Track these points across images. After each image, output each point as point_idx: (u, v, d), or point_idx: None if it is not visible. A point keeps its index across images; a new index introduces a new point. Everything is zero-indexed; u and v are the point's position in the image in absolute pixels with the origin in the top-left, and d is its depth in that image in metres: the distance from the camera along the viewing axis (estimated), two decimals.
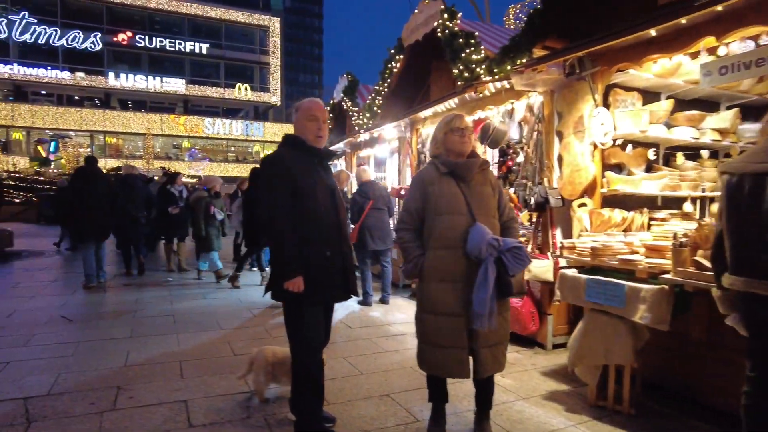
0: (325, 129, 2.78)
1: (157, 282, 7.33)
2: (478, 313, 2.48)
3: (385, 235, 6.07)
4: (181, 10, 39.32)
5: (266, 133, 40.48)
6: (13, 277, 7.57)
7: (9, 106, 32.90)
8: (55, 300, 6.02)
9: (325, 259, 2.60)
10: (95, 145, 35.45)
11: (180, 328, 4.89)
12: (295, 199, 2.56)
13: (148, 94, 38.61)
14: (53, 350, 4.11)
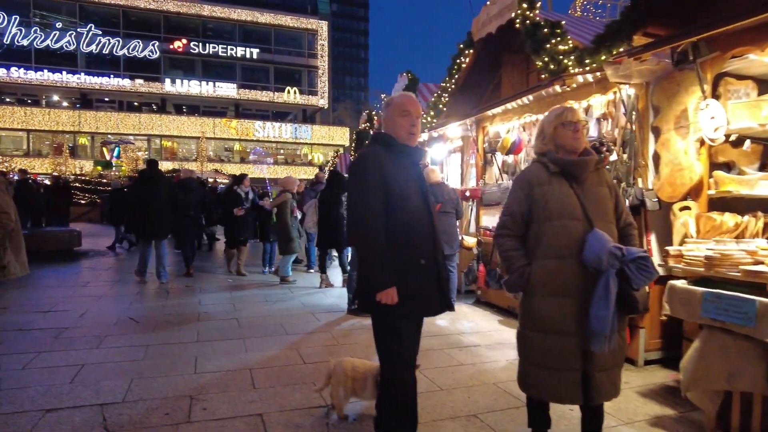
0: (419, 126, 2.53)
1: (217, 284, 7.33)
2: (597, 332, 2.16)
3: (452, 239, 5.77)
4: (232, 17, 40.42)
5: (314, 136, 41.01)
6: (83, 276, 7.79)
7: (76, 113, 34.81)
8: (122, 300, 6.08)
9: (420, 268, 2.35)
10: (152, 148, 36.87)
11: (246, 332, 4.78)
12: (387, 201, 2.32)
13: (201, 98, 39.91)
14: (124, 353, 4.07)
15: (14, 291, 6.44)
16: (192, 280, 7.58)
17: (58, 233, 9.97)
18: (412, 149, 2.52)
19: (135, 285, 7.08)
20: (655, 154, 3.96)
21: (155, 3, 37.96)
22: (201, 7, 39.41)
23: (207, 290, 6.80)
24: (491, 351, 4.38)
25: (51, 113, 34.54)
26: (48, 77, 35.27)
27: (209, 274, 8.13)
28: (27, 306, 5.66)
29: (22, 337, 4.47)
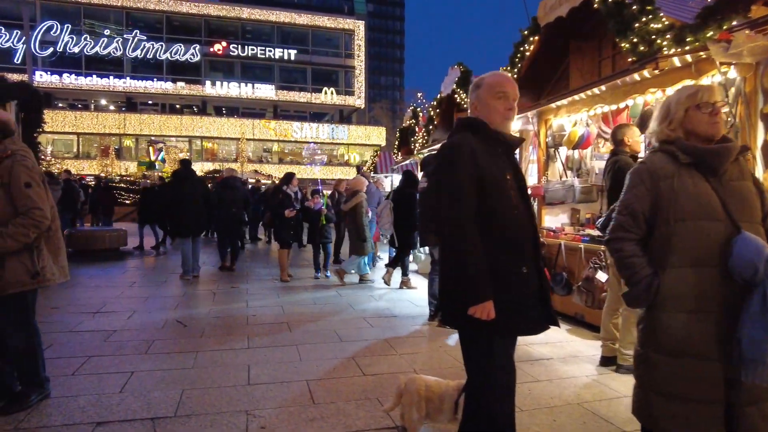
0: (515, 110, 2.16)
1: (263, 285, 7.14)
2: (751, 358, 1.74)
3: None
4: (271, 18, 40.89)
5: (350, 136, 41.00)
6: (129, 276, 7.75)
7: (122, 116, 35.97)
8: (169, 302, 5.95)
9: (521, 277, 1.98)
10: (193, 149, 37.67)
11: (297, 338, 4.51)
12: (482, 198, 1.97)
13: (240, 100, 40.54)
14: (174, 360, 3.86)
15: (66, 290, 6.42)
16: (238, 280, 7.41)
17: (106, 233, 10.07)
18: (509, 137, 2.15)
19: (181, 286, 6.97)
20: (765, 144, 3.45)
21: (197, 7, 38.80)
22: (240, 10, 40.06)
23: (253, 292, 6.60)
24: (566, 365, 3.95)
25: (99, 117, 35.73)
26: (96, 82, 36.57)
27: (255, 275, 7.96)
28: (77, 306, 5.59)
29: (72, 339, 4.35)
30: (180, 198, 7.36)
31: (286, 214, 7.19)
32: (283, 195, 7.29)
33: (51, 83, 35.62)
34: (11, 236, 2.73)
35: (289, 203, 7.27)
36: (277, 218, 7.34)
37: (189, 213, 7.37)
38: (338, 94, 42.11)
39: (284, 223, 7.27)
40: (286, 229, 7.30)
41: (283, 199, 7.24)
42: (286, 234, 7.35)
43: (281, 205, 7.22)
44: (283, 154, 40.36)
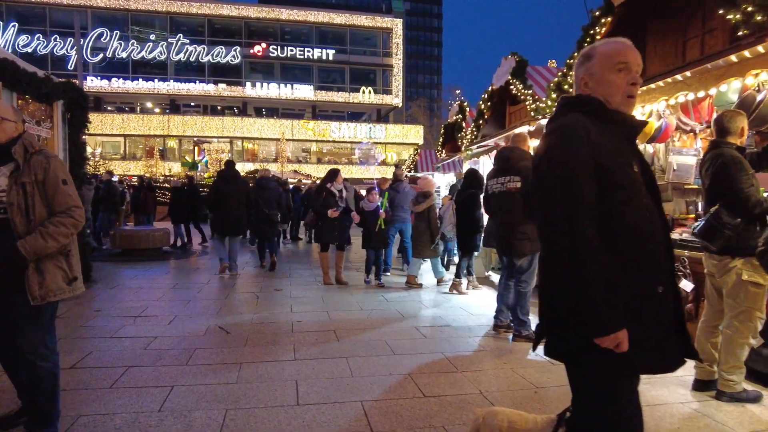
0: (639, 84, 1.70)
1: (307, 288, 6.84)
2: None
3: None
4: (309, 19, 41.12)
5: (388, 135, 40.72)
6: (171, 277, 7.62)
7: (165, 117, 36.94)
8: (211, 306, 5.71)
9: (657, 299, 1.54)
10: (234, 150, 38.30)
11: (347, 349, 4.15)
12: (606, 197, 1.53)
13: (280, 101, 40.95)
14: (216, 373, 3.57)
15: (109, 291, 6.32)
16: (281, 283, 7.15)
17: (149, 232, 10.05)
18: (633, 120, 1.70)
19: (223, 289, 6.76)
20: None
21: (237, 9, 39.46)
22: (279, 11, 40.45)
23: (297, 295, 6.30)
24: (655, 389, 3.40)
25: (144, 119, 36.86)
26: (142, 86, 37.74)
27: (298, 277, 7.69)
28: (119, 309, 5.43)
29: (112, 346, 4.14)
30: (221, 197, 7.46)
31: (329, 214, 6.75)
32: (327, 193, 6.87)
33: (101, 88, 37.01)
34: (52, 236, 2.39)
35: (333, 202, 6.84)
36: (320, 218, 6.95)
37: (229, 213, 7.47)
38: (376, 93, 41.96)
39: (327, 224, 6.85)
40: (328, 230, 6.88)
41: (326, 198, 6.83)
42: (329, 235, 6.92)
43: (324, 205, 6.83)
44: (321, 154, 40.53)
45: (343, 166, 39.22)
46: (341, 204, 6.94)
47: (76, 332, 4.50)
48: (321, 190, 7.03)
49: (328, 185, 6.94)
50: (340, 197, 6.98)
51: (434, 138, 49.38)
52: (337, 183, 6.98)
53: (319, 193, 7.01)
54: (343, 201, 7.00)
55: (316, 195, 7.05)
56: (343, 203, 6.98)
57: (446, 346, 4.30)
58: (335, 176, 6.99)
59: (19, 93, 5.55)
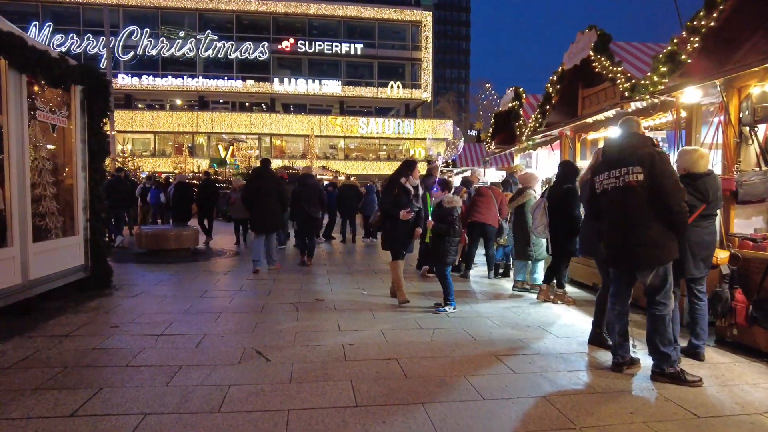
0: None
1: (351, 299, 5.97)
2: None
3: (708, 254, 3.82)
4: (337, 13, 40.42)
5: (416, 130, 39.81)
6: (200, 283, 6.85)
7: (194, 114, 36.83)
8: (245, 321, 4.89)
9: None
10: (262, 146, 37.97)
11: (420, 389, 3.23)
12: None
13: (308, 96, 40.41)
14: (256, 423, 2.72)
15: (131, 301, 5.58)
16: (321, 290, 6.32)
17: (176, 232, 9.37)
18: None
19: (257, 297, 5.93)
20: None
21: (265, 5, 39.02)
22: (307, 6, 39.90)
23: (341, 308, 5.43)
24: None
25: (173, 116, 36.85)
26: (172, 82, 37.70)
27: (339, 284, 6.83)
28: (140, 325, 4.66)
29: (128, 379, 3.33)
30: (257, 195, 7.44)
31: (402, 215, 5.38)
32: (399, 190, 5.50)
33: (132, 85, 37.20)
34: None
35: (406, 201, 5.46)
36: (389, 220, 5.60)
37: (265, 210, 7.45)
38: (405, 87, 41.06)
39: (399, 228, 5.52)
40: (401, 236, 5.53)
41: (398, 195, 5.50)
42: (402, 242, 5.57)
43: (396, 204, 5.49)
44: (348, 150, 39.89)
45: (370, 162, 38.52)
46: (416, 204, 5.56)
47: (86, 358, 3.73)
48: (392, 185, 5.61)
49: (402, 180, 5.52)
50: (416, 195, 5.61)
51: (465, 132, 48.29)
52: (413, 178, 5.59)
53: (390, 190, 5.60)
54: (418, 200, 5.65)
55: (386, 191, 5.70)
56: (418, 203, 5.63)
57: (545, 386, 3.35)
58: (411, 169, 5.59)
59: (28, 74, 4.83)
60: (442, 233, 5.30)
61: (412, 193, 5.54)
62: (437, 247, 5.40)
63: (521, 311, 5.41)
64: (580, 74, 6.49)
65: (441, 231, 5.31)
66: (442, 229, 5.30)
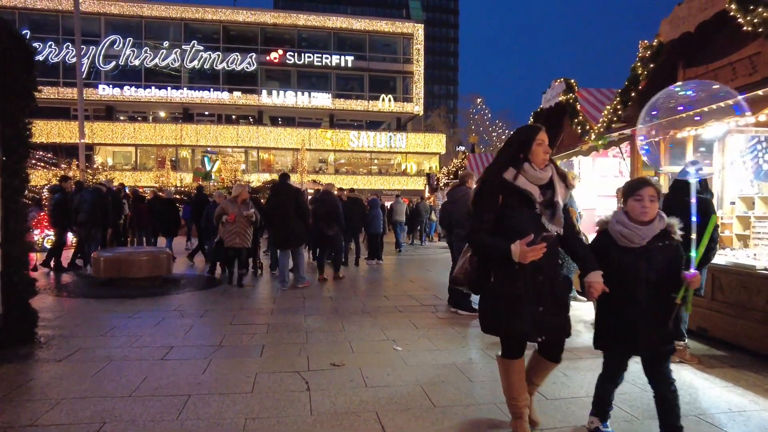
0: None
1: (382, 359, 4.22)
2: None
3: None
4: (327, 25, 39.38)
5: (408, 144, 38.58)
6: (165, 331, 4.95)
7: (178, 126, 35.10)
8: (226, 415, 3.09)
9: None
10: (249, 160, 36.31)
11: None
12: None
13: (296, 109, 39.08)
14: None
15: (50, 371, 3.68)
16: (339, 344, 4.55)
17: (141, 255, 7.52)
18: None
19: (246, 359, 4.14)
20: None
21: (253, 15, 37.82)
22: (297, 17, 38.85)
23: (375, 380, 3.63)
24: None
25: (156, 128, 35.25)
26: (155, 94, 36.10)
27: (363, 337, 5.06)
28: (43, 428, 2.84)
29: None
30: (276, 211, 7.36)
31: (518, 252, 2.33)
32: (508, 197, 2.46)
33: (113, 96, 35.58)
34: None
35: (528, 222, 2.45)
36: (489, 263, 2.59)
37: (283, 225, 7.33)
38: (396, 101, 39.91)
39: (511, 279, 2.45)
40: (517, 298, 2.42)
41: (509, 211, 2.51)
42: (516, 309, 2.44)
43: (506, 227, 2.48)
44: (339, 164, 38.39)
45: (361, 176, 36.99)
46: (551, 225, 2.47)
47: None
48: (488, 189, 2.54)
49: (508, 174, 2.48)
50: (548, 206, 2.48)
51: (454, 148, 46.90)
52: (535, 166, 2.48)
53: (483, 199, 2.54)
54: (554, 217, 2.47)
55: (475, 205, 2.59)
56: (554, 223, 2.47)
57: None
58: (528, 146, 2.49)
59: None
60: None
61: (537, 200, 2.44)
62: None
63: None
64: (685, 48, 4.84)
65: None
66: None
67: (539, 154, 2.46)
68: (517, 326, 2.42)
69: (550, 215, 2.44)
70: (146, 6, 36.11)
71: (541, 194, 2.44)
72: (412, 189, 35.78)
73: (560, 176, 2.53)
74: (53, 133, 32.53)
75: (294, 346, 4.39)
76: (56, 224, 9.61)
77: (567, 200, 2.55)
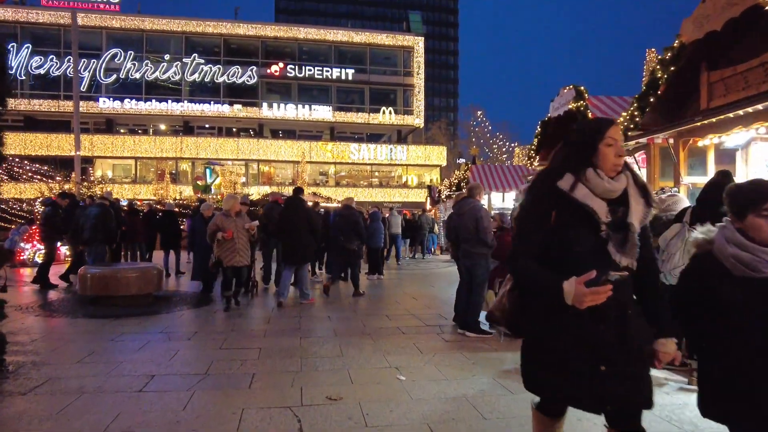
0: None
1: (388, 394, 3.83)
2: None
3: None
4: (328, 38, 39.44)
5: (409, 157, 38.38)
6: (148, 357, 4.57)
7: (179, 139, 34.95)
8: None
9: None
10: (249, 173, 36.09)
11: None
12: None
13: (297, 122, 38.99)
14: None
15: (13, 406, 3.29)
16: (336, 378, 4.16)
17: (130, 273, 7.14)
18: None
19: (232, 389, 3.75)
20: None
21: (254, 29, 37.92)
22: (297, 30, 38.96)
23: (377, 419, 3.27)
24: None
25: (156, 140, 35.12)
26: (155, 107, 36.05)
27: (363, 363, 4.67)
28: None
29: None
30: (286, 226, 7.29)
31: (580, 296, 1.65)
32: (566, 211, 1.89)
33: (113, 109, 35.50)
34: None
35: (589, 246, 1.82)
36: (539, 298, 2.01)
37: (293, 240, 7.23)
38: (396, 113, 39.83)
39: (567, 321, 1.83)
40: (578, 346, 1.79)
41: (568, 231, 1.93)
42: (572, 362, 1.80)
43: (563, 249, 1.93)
44: (339, 176, 38.17)
45: (362, 189, 36.74)
46: (623, 257, 1.78)
47: None
48: (539, 197, 1.91)
49: (565, 183, 1.82)
50: (617, 228, 1.80)
51: (454, 160, 46.77)
52: (602, 175, 1.81)
53: (532, 211, 1.91)
54: (626, 244, 1.78)
55: (521, 221, 1.97)
56: (626, 251, 1.78)
57: None
58: (596, 144, 1.81)
59: None
60: None
61: (602, 220, 1.76)
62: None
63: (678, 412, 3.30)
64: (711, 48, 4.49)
65: None
66: None
67: (609, 157, 1.77)
68: (564, 389, 1.77)
69: (620, 242, 1.75)
70: (147, 20, 36.24)
71: (609, 212, 1.76)
72: (413, 201, 35.52)
73: (639, 188, 1.83)
74: (53, 146, 32.44)
75: (287, 375, 3.98)
76: (45, 238, 9.29)
77: (646, 222, 1.84)
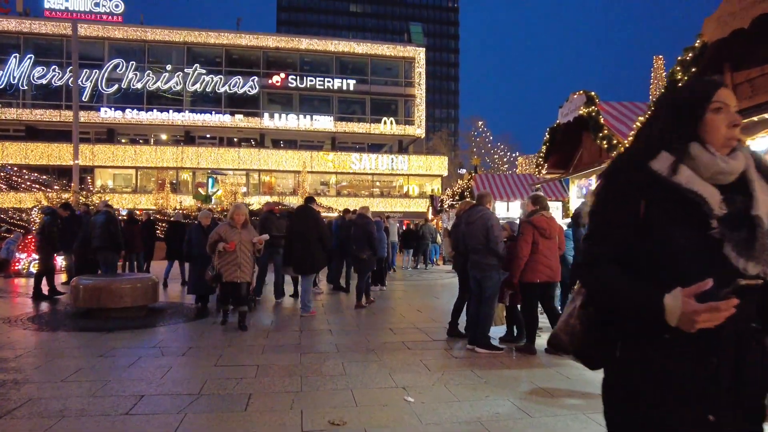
0: None
1: (395, 417, 3.56)
2: None
3: None
4: (329, 49, 39.56)
5: (410, 167, 38.31)
6: (138, 375, 4.30)
7: (179, 149, 34.86)
8: None
9: None
10: (250, 183, 35.96)
11: None
12: None
13: (298, 132, 38.99)
14: None
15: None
16: (339, 399, 3.90)
17: (124, 284, 6.87)
18: None
19: (225, 412, 3.48)
20: None
21: (256, 39, 38.04)
22: (299, 41, 39.04)
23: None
24: None
25: (157, 150, 35.07)
26: (157, 116, 36.08)
27: (364, 380, 4.40)
28: None
29: None
30: (295, 234, 7.27)
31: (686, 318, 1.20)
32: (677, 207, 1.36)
33: (115, 119, 35.55)
34: None
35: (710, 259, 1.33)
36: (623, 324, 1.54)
37: (303, 250, 7.12)
38: (397, 123, 39.83)
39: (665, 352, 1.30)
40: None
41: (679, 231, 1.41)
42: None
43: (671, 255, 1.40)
44: (341, 186, 38.03)
45: (363, 199, 36.55)
46: (747, 263, 1.21)
47: None
48: (615, 191, 1.34)
49: (658, 165, 1.27)
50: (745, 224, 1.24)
51: (455, 170, 46.66)
52: (715, 150, 1.27)
53: (605, 206, 1.36)
54: (755, 251, 1.22)
55: (594, 223, 1.39)
56: (754, 262, 1.21)
57: None
58: (701, 111, 1.30)
59: None
60: None
61: (715, 212, 1.22)
62: None
63: None
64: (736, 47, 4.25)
65: None
66: None
67: (719, 128, 1.27)
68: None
69: (741, 242, 1.21)
70: (150, 30, 36.37)
71: (723, 202, 1.24)
72: (414, 211, 35.32)
73: (763, 170, 1.30)
74: (54, 156, 32.38)
75: (286, 395, 3.70)
76: (40, 249, 9.06)
77: None
